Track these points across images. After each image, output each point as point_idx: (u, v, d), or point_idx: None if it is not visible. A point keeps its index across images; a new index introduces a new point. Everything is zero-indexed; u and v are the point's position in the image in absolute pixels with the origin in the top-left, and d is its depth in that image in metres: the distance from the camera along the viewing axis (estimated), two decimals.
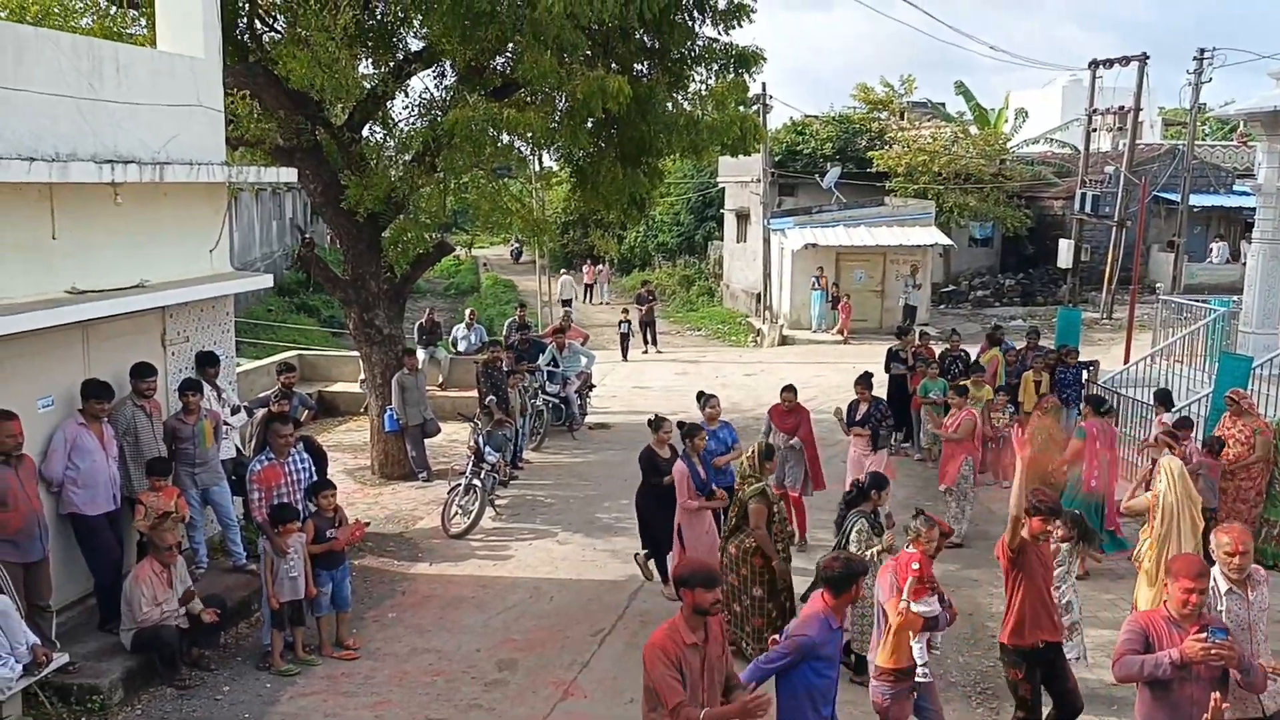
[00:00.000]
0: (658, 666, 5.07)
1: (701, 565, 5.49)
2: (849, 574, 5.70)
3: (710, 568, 5.48)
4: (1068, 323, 16.64)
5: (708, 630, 5.25)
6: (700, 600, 5.15)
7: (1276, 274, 15.42)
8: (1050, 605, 6.77)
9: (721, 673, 5.35)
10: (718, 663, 5.31)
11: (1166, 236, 33.86)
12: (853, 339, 27.34)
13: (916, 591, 6.26)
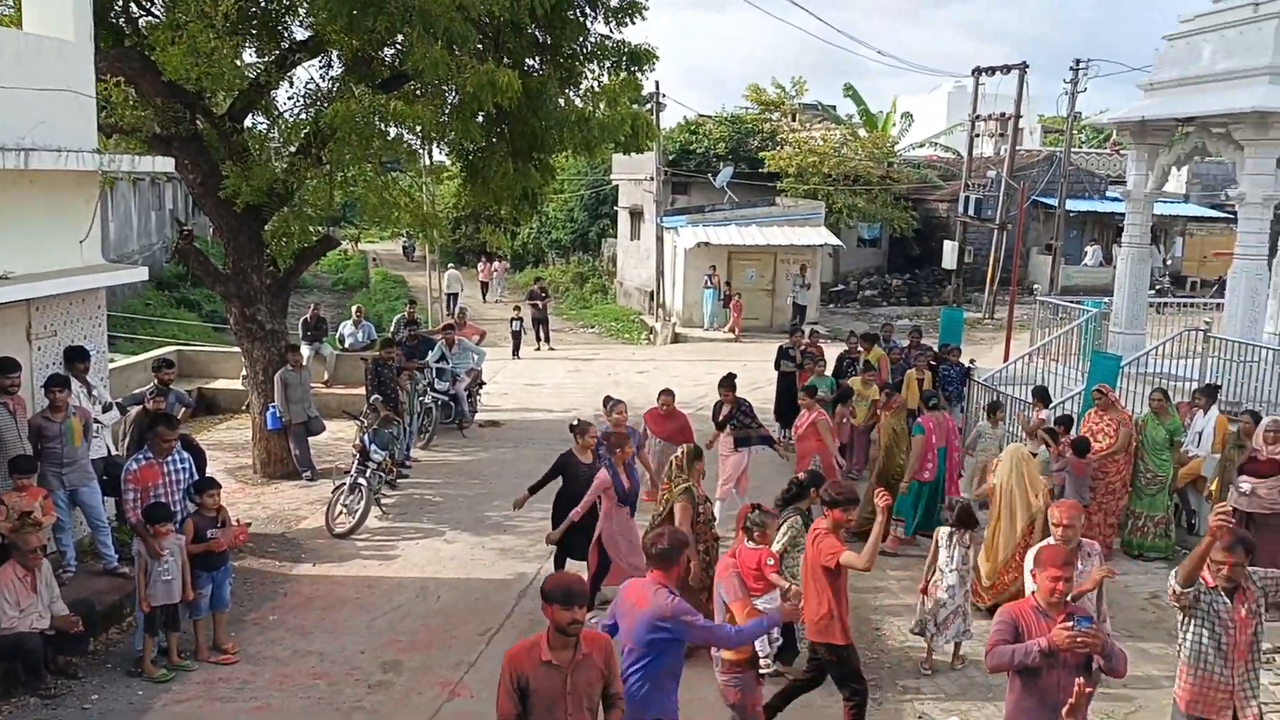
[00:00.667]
0: (502, 679, 4.84)
1: (563, 581, 4.96)
2: (672, 547, 5.59)
3: (571, 584, 4.90)
4: (950, 322, 17.09)
5: (577, 652, 4.86)
6: (558, 618, 4.77)
7: (1143, 277, 16.10)
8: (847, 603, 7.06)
9: (593, 700, 4.96)
10: (587, 689, 4.91)
11: (1045, 240, 35.07)
12: (744, 337, 27.65)
13: (760, 587, 6.39)
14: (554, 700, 4.82)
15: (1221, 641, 5.70)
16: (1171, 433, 11.42)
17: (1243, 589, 5.72)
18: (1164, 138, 15.50)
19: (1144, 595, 10.32)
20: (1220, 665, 5.73)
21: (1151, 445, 11.34)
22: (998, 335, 24.72)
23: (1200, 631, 5.77)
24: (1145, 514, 11.37)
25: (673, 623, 5.41)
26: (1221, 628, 5.69)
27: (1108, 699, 7.98)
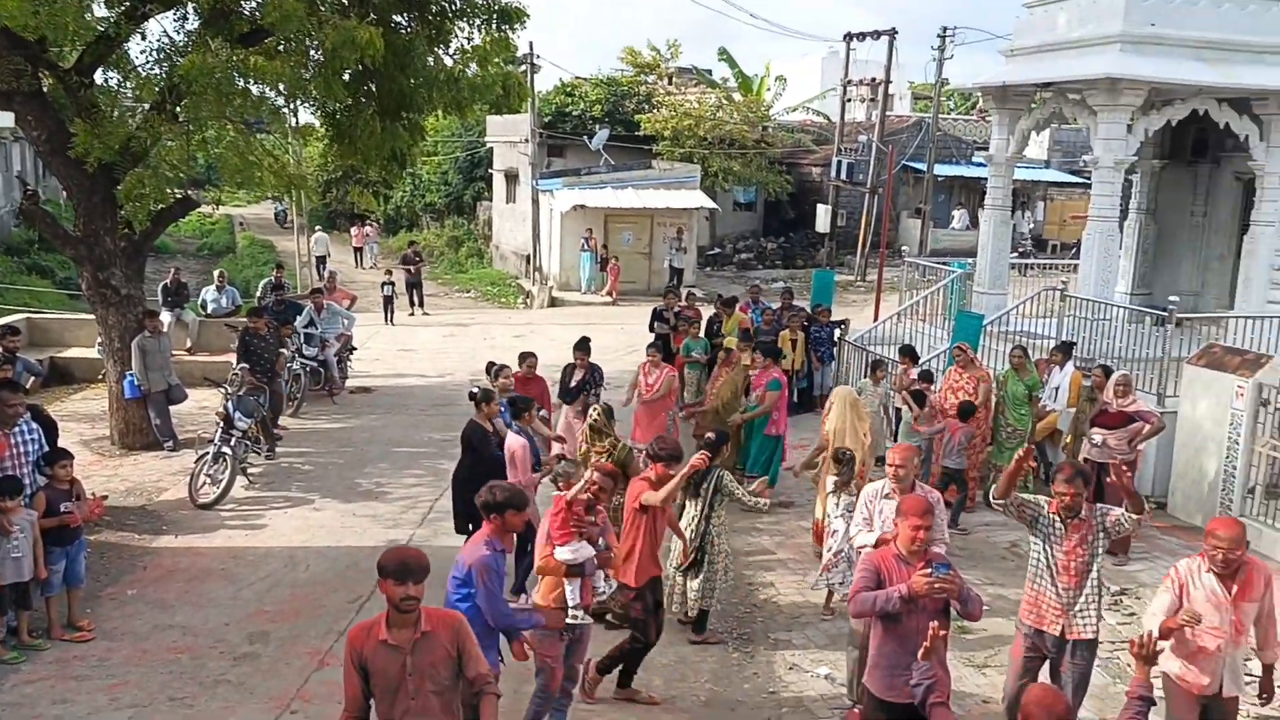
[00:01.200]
0: (345, 660, 4.63)
1: (399, 554, 4.61)
2: (498, 500, 5.62)
3: (406, 558, 4.58)
4: (821, 283, 17.38)
5: (417, 630, 4.58)
6: (391, 594, 4.51)
7: (1005, 239, 16.60)
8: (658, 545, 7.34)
9: (439, 682, 4.64)
10: (431, 670, 4.61)
11: (915, 203, 35.93)
12: (621, 300, 27.68)
13: (563, 536, 6.29)
14: (394, 682, 4.58)
15: (1054, 563, 6.15)
16: (1030, 388, 11.85)
17: (1080, 520, 6.11)
18: (1024, 103, 15.96)
19: (1004, 544, 10.72)
20: (1049, 583, 6.18)
21: (1012, 400, 11.75)
22: (869, 297, 25.25)
23: (1038, 551, 6.25)
24: (1005, 467, 11.76)
25: (466, 576, 5.52)
26: (1056, 550, 6.14)
27: (967, 647, 8.28)
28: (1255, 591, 5.67)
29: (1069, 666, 6.23)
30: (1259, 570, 5.74)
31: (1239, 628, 5.69)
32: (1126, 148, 13.88)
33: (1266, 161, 13.93)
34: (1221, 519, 5.99)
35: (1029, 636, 6.35)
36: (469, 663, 4.70)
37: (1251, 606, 5.68)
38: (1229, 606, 5.67)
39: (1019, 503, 6.33)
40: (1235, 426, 10.93)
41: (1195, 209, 16.76)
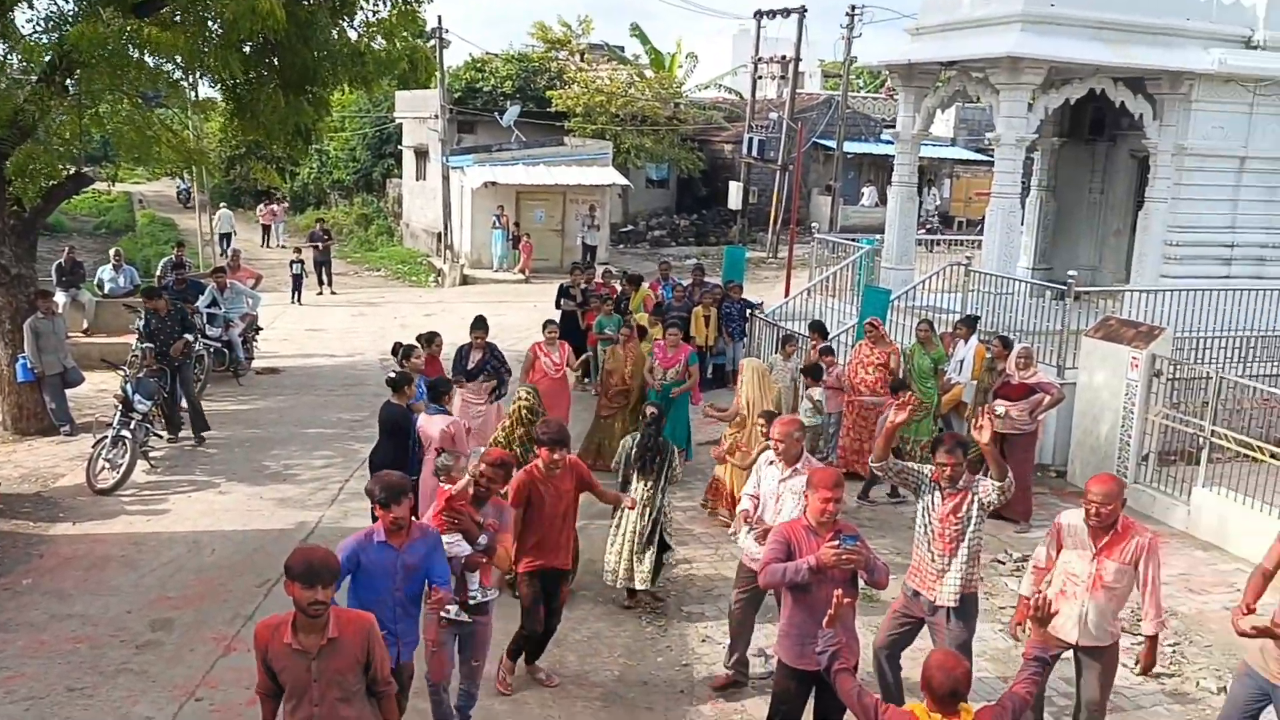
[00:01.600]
0: (255, 651, 4.52)
1: (307, 556, 4.39)
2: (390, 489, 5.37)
3: (314, 559, 4.34)
4: (733, 260, 17.49)
5: (324, 635, 4.38)
6: (298, 598, 4.29)
7: (911, 215, 16.89)
8: (560, 531, 7.04)
9: (347, 689, 4.48)
10: (338, 676, 4.43)
11: (825, 181, 36.31)
12: (534, 278, 27.52)
13: (441, 525, 5.96)
14: (300, 686, 4.42)
15: (931, 530, 6.32)
16: (936, 361, 12.08)
17: (957, 489, 6.24)
18: (929, 81, 16.22)
19: (912, 515, 10.86)
20: (926, 548, 6.35)
21: (918, 373, 11.96)
22: (780, 273, 25.49)
23: (920, 517, 6.43)
24: (913, 439, 11.98)
25: None
26: (933, 517, 6.31)
27: (875, 614, 8.43)
28: (1120, 553, 5.84)
29: (943, 632, 6.37)
30: (1135, 534, 5.88)
31: (1098, 580, 5.87)
32: (1027, 126, 14.19)
33: (1159, 140, 14.37)
34: (1098, 476, 6.14)
35: (908, 597, 6.55)
36: (375, 665, 4.57)
37: (1113, 565, 5.83)
38: (1091, 560, 5.89)
39: (899, 469, 6.57)
40: (1130, 396, 11.30)
41: (1093, 186, 17.23)
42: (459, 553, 5.97)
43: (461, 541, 5.99)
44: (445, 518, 5.97)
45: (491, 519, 6.16)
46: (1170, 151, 14.36)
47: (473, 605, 6.08)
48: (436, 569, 5.59)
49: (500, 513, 6.33)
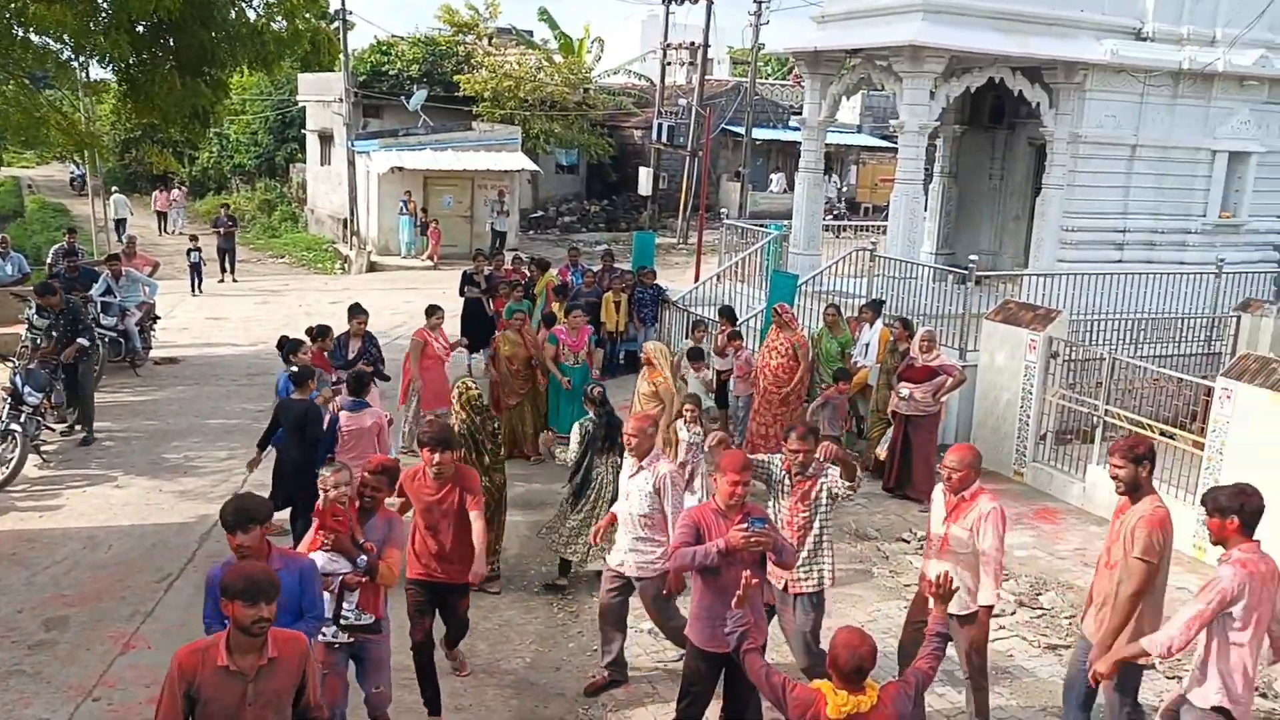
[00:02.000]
0: (167, 683, 4.09)
1: (243, 572, 4.13)
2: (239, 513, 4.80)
3: (256, 575, 4.11)
4: (642, 245, 17.50)
5: (263, 655, 4.14)
6: (240, 616, 4.03)
7: (818, 201, 17.08)
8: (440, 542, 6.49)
9: (283, 713, 4.25)
10: (275, 699, 4.19)
11: (734, 167, 36.54)
12: (443, 264, 27.22)
13: (312, 545, 5.61)
14: (230, 712, 4.12)
15: (779, 517, 6.37)
16: (843, 345, 12.27)
17: (807, 478, 6.30)
18: (835, 68, 16.41)
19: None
20: (786, 535, 6.29)
21: (826, 357, 12.14)
22: (691, 259, 25.63)
23: (771, 505, 6.46)
24: None
25: None
26: (783, 506, 6.40)
27: None
28: (963, 518, 6.01)
29: (792, 618, 6.44)
30: (981, 503, 5.98)
31: (944, 543, 6.07)
32: (930, 113, 14.44)
33: (1055, 128, 14.75)
34: (957, 445, 6.31)
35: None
36: (309, 689, 4.35)
37: (957, 529, 6.01)
38: (941, 523, 6.12)
39: (769, 474, 6.51)
40: (1029, 377, 11.61)
41: (993, 172, 17.63)
42: (334, 570, 5.52)
43: (339, 559, 5.55)
44: (320, 536, 5.55)
45: (377, 535, 5.71)
46: (1066, 139, 14.75)
47: (351, 625, 5.62)
48: (307, 599, 5.00)
49: (390, 526, 5.85)
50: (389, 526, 5.82)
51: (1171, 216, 15.56)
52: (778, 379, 11.80)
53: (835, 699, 4.18)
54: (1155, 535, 5.46)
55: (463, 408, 8.15)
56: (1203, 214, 15.64)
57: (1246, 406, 9.33)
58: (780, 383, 11.80)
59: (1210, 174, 15.52)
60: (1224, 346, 13.75)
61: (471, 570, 6.44)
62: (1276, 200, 16.28)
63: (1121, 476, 5.63)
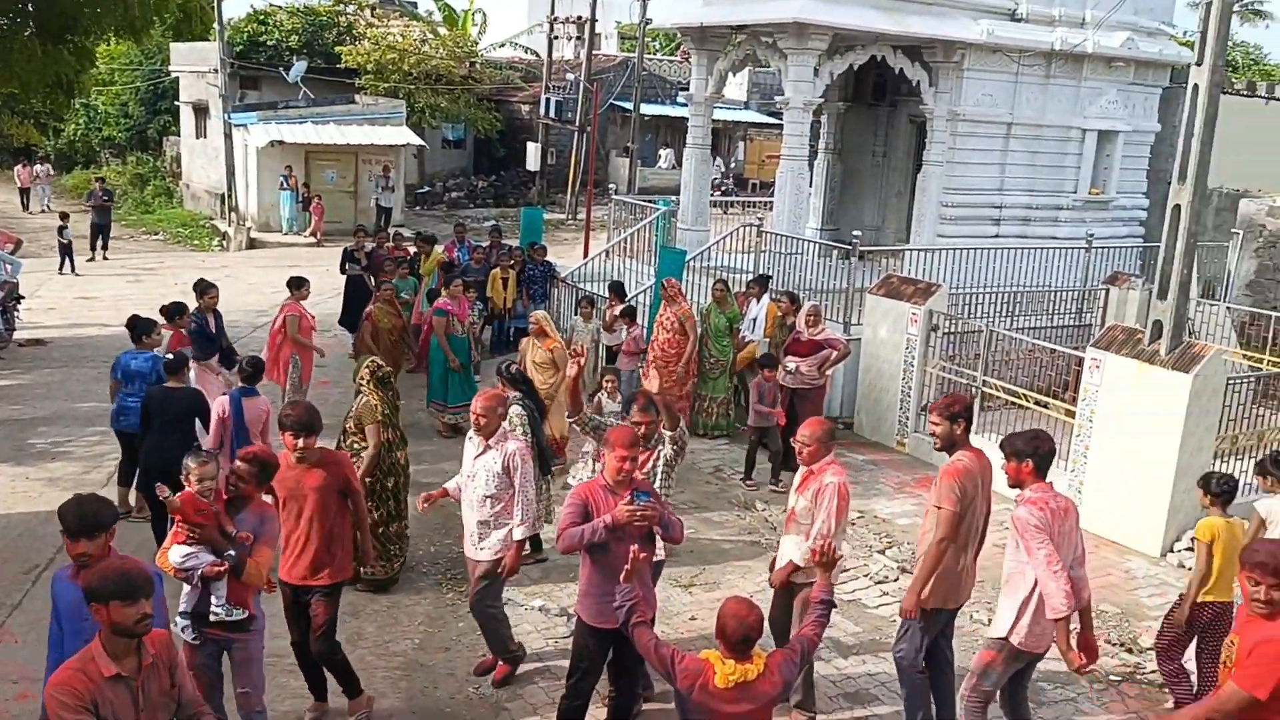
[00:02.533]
0: (61, 713, 3.74)
1: (112, 571, 3.87)
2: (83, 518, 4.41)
3: (127, 573, 3.85)
4: (530, 221, 17.37)
5: (143, 657, 3.93)
6: (120, 618, 3.78)
7: (706, 176, 17.17)
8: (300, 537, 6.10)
9: (168, 711, 4.07)
10: (162, 701, 4.02)
11: (623, 143, 36.45)
12: (327, 241, 26.59)
13: (176, 536, 5.28)
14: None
15: None
16: (731, 320, 12.37)
17: (649, 448, 6.34)
18: (721, 44, 16.46)
19: (709, 470, 11.21)
20: None
21: (714, 332, 12.23)
22: (579, 235, 25.54)
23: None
24: (710, 396, 12.29)
25: None
26: None
27: (673, 567, 8.62)
28: (807, 489, 6.21)
29: None
30: (825, 475, 6.16)
31: (791, 514, 6.29)
32: (814, 90, 14.61)
33: (935, 106, 15.08)
34: (810, 419, 6.49)
35: None
36: (182, 687, 4.14)
37: (802, 500, 6.21)
38: (793, 493, 6.34)
39: (594, 425, 6.69)
40: (910, 350, 11.90)
41: (876, 149, 17.95)
42: (195, 565, 5.22)
43: (205, 554, 5.24)
44: (183, 530, 5.22)
45: (249, 528, 5.39)
46: (945, 117, 15.10)
47: (220, 621, 5.31)
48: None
49: (262, 520, 5.50)
50: (260, 521, 5.47)
51: (1045, 193, 16.09)
52: (666, 353, 11.88)
53: (723, 668, 4.23)
54: (954, 484, 5.81)
55: (377, 387, 7.90)
56: (1074, 190, 16.21)
57: (1114, 375, 9.72)
58: (669, 357, 11.88)
59: (1080, 152, 16.08)
60: (1094, 318, 14.29)
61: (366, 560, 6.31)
62: (1141, 178, 16.97)
63: (938, 434, 5.98)
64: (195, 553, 5.23)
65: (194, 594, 5.32)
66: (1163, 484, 9.27)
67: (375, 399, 7.86)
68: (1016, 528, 5.47)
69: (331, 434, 10.65)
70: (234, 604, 5.33)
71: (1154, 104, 16.70)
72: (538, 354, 10.59)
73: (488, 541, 6.64)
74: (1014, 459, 5.57)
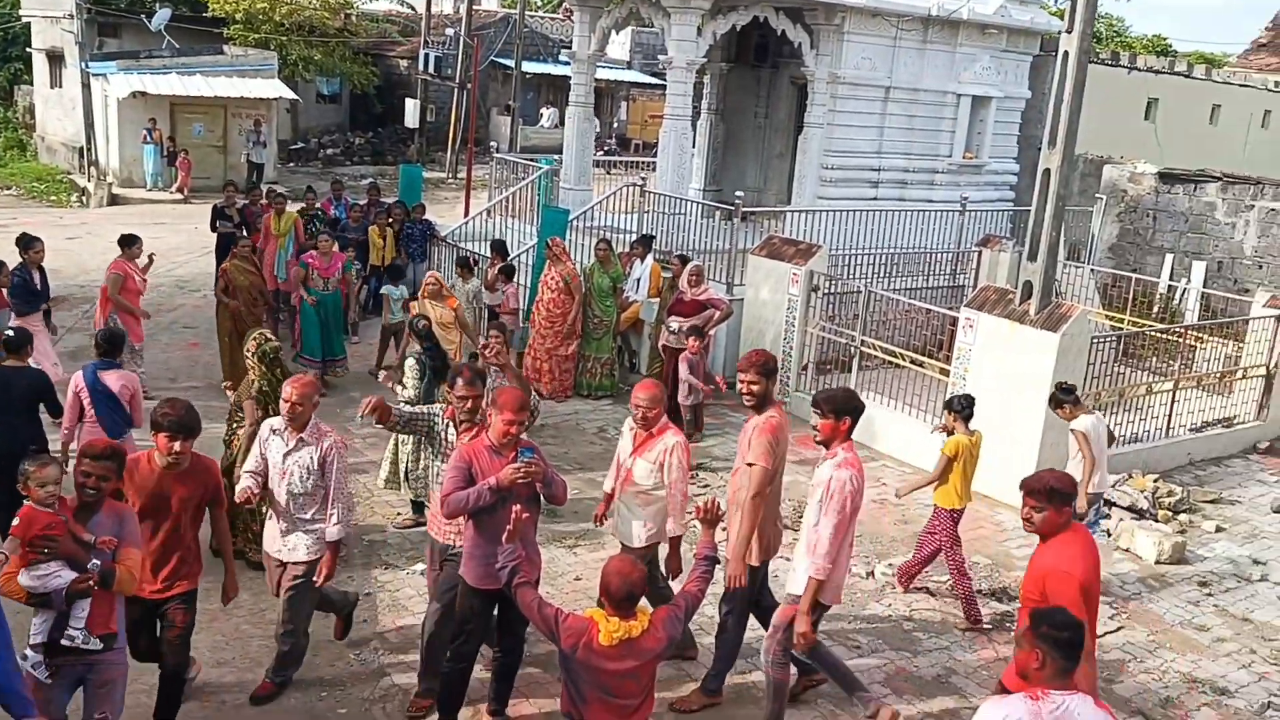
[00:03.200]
0: None
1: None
2: None
3: None
4: (409, 179, 16.98)
5: None
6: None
7: (588, 135, 17.03)
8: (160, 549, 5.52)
9: None
10: None
11: (504, 100, 35.89)
12: (195, 197, 25.57)
13: (25, 557, 4.55)
14: None
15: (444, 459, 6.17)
16: (614, 280, 12.32)
17: (474, 424, 6.03)
18: (604, 2, 16.29)
19: (593, 430, 11.18)
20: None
21: (598, 292, 12.17)
22: (461, 194, 25.10)
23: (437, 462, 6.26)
24: (594, 356, 12.23)
25: None
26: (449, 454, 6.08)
27: (559, 526, 8.59)
28: (647, 451, 6.23)
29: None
30: (666, 438, 6.22)
31: (627, 476, 6.31)
32: (697, 50, 14.57)
33: (816, 68, 15.18)
34: (643, 382, 6.50)
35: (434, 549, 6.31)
36: None
37: (642, 463, 6.24)
38: (628, 457, 6.32)
39: (407, 418, 6.24)
40: (791, 310, 12.02)
41: (758, 110, 18.04)
42: (59, 585, 4.56)
43: (63, 570, 4.58)
44: (31, 548, 4.53)
45: (107, 532, 4.74)
46: (825, 79, 15.21)
47: (68, 649, 4.67)
48: None
49: (121, 522, 4.85)
50: (120, 522, 4.83)
51: (921, 156, 16.40)
52: (551, 313, 11.79)
53: (607, 626, 4.21)
54: (768, 440, 5.91)
55: (259, 362, 7.41)
56: (949, 154, 16.56)
57: (987, 334, 9.99)
58: (553, 317, 11.79)
59: (955, 117, 16.43)
60: (967, 279, 14.68)
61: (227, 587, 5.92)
62: (1012, 143, 17.44)
63: (756, 391, 6.01)
64: (53, 571, 4.56)
65: (47, 620, 4.65)
66: (1032, 438, 9.59)
67: (255, 374, 7.45)
68: (831, 488, 5.54)
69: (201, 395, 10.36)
70: (95, 623, 4.69)
71: (1025, 71, 17.14)
72: (440, 313, 10.55)
73: (297, 541, 6.03)
74: (833, 416, 5.63)
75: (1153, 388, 11.26)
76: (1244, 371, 12.07)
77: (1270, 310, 12.07)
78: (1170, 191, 16.26)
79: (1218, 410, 11.83)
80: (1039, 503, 4.83)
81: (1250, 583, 8.66)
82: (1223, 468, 11.39)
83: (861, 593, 7.98)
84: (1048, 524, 4.82)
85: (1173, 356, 11.70)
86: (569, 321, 11.83)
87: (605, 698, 4.28)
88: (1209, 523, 9.76)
